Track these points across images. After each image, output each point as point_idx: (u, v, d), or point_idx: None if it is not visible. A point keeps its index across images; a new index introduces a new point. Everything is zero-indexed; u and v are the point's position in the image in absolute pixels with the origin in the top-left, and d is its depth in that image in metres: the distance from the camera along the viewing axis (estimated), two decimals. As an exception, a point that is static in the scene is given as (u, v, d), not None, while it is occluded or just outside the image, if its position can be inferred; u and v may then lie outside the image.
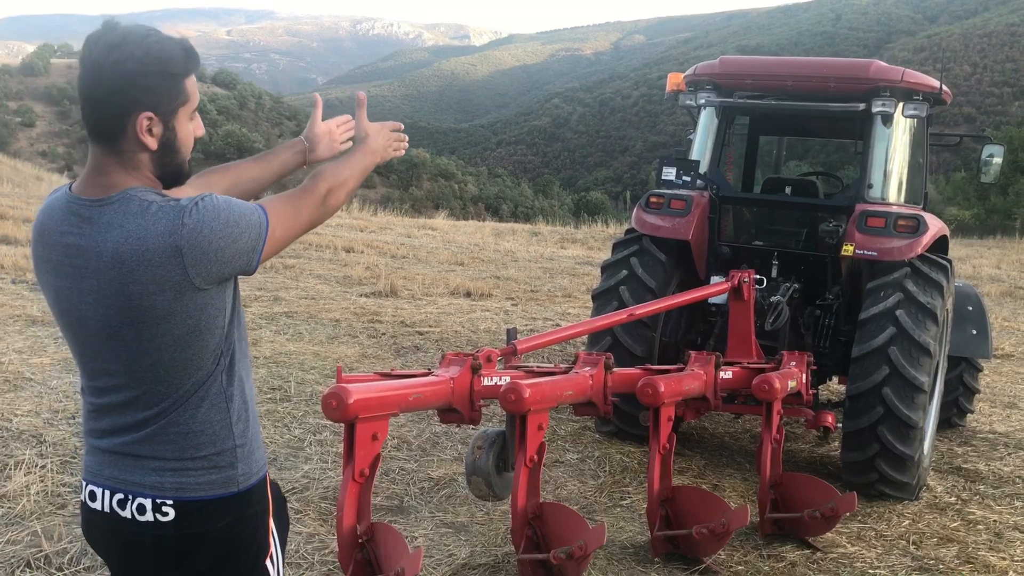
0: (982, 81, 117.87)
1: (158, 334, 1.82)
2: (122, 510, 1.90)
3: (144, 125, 1.80)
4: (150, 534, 1.89)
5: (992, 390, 8.17)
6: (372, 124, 2.29)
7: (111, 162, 1.83)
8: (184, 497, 1.89)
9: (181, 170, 1.93)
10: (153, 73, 1.79)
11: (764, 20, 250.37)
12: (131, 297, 1.78)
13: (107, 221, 1.79)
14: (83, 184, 1.85)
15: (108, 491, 1.92)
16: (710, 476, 5.58)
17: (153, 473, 1.88)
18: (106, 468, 1.93)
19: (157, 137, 1.83)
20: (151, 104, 1.80)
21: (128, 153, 1.82)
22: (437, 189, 78.13)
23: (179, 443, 1.88)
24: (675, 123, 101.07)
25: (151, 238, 1.75)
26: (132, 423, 1.89)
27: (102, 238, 1.78)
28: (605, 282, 5.87)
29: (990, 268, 17.53)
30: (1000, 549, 4.69)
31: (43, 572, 3.63)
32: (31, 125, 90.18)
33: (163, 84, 1.81)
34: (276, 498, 2.11)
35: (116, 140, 1.81)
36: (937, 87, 5.66)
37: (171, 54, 1.82)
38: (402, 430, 5.80)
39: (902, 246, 5.28)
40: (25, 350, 6.75)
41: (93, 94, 1.79)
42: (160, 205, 1.78)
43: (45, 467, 4.58)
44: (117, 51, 1.76)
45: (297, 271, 11.81)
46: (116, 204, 1.79)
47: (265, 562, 2.03)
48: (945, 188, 38.37)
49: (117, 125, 1.80)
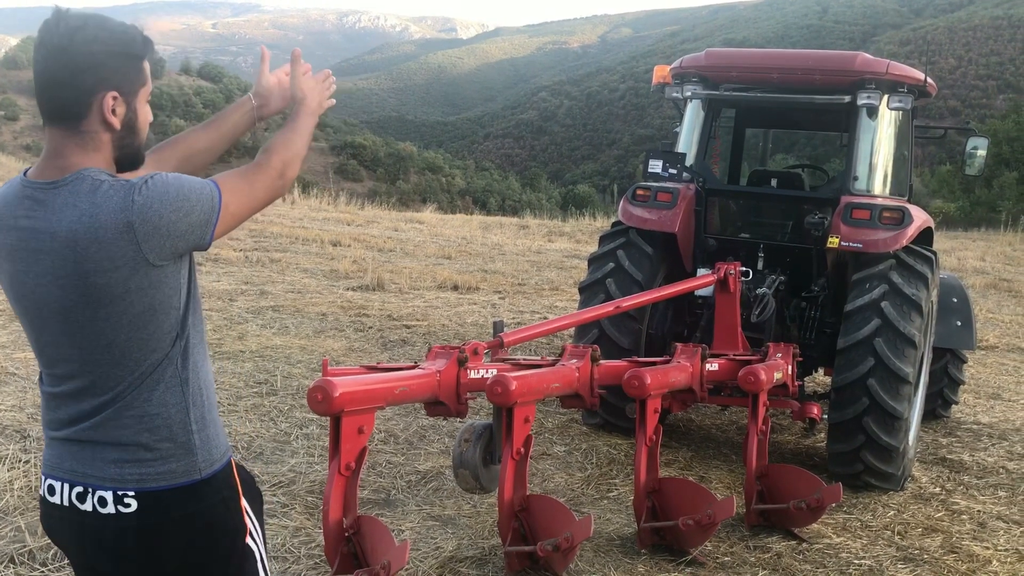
0: (967, 74, 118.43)
1: (113, 313, 1.83)
2: (82, 503, 1.90)
3: (109, 104, 1.84)
4: (112, 527, 1.89)
5: (976, 381, 8.23)
6: (307, 80, 2.28)
7: (71, 145, 1.85)
8: (146, 488, 1.88)
9: (139, 153, 1.97)
10: (118, 54, 1.85)
11: (751, 13, 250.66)
12: (86, 276, 1.79)
13: (61, 202, 1.81)
14: (39, 169, 1.88)
15: (68, 484, 1.91)
16: (697, 468, 5.60)
17: (113, 465, 1.88)
18: (65, 461, 1.92)
19: (120, 117, 1.87)
20: (116, 84, 1.85)
21: (90, 134, 1.85)
22: (424, 183, 77.95)
23: (134, 427, 1.88)
24: (662, 116, 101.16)
25: (103, 215, 1.77)
26: (88, 409, 1.89)
27: (56, 219, 1.80)
28: (592, 275, 5.87)
29: (975, 260, 17.63)
30: (984, 539, 4.73)
31: (27, 568, 3.60)
32: (14, 119, 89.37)
33: (127, 65, 1.87)
34: (243, 479, 2.09)
35: (79, 121, 1.84)
36: (922, 80, 5.68)
37: (132, 36, 1.88)
38: (389, 423, 5.79)
39: (887, 238, 5.30)
40: (8, 345, 6.69)
41: (57, 76, 1.81)
42: (111, 184, 1.81)
43: (28, 462, 4.55)
44: (81, 33, 1.80)
45: (283, 265, 11.76)
46: (70, 185, 1.81)
47: (246, 541, 2.03)
48: (930, 181, 38.56)
49: (82, 105, 1.83)
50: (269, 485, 4.66)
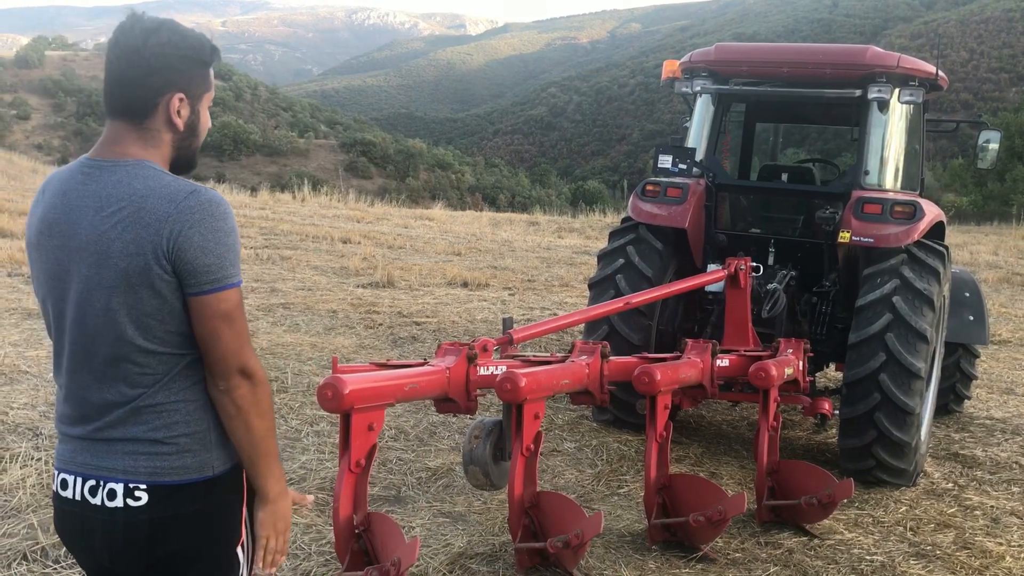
0: (979, 67, 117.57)
1: (129, 303, 1.84)
2: (93, 497, 1.90)
3: (175, 106, 1.93)
4: (120, 520, 1.89)
5: (989, 376, 8.18)
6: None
7: (131, 137, 1.92)
8: (158, 481, 1.89)
9: (194, 156, 2.04)
10: (188, 58, 1.94)
11: (761, 7, 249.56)
12: (112, 255, 1.82)
13: (116, 179, 1.87)
14: (98, 150, 1.95)
15: (80, 478, 1.92)
16: (708, 464, 5.59)
17: (126, 457, 1.89)
18: (79, 455, 1.93)
19: (184, 119, 1.96)
20: (183, 86, 1.94)
21: (152, 131, 1.93)
22: (434, 179, 77.94)
23: (152, 423, 1.89)
24: (672, 111, 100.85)
25: (152, 199, 1.83)
26: (105, 405, 1.90)
27: (107, 193, 1.86)
28: (602, 271, 5.86)
29: (987, 254, 17.54)
30: (997, 534, 4.70)
31: (39, 565, 3.62)
32: (26, 118, 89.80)
33: (195, 69, 1.96)
34: (251, 488, 2.09)
35: (144, 117, 1.92)
36: (933, 73, 5.65)
37: (202, 43, 1.97)
38: (400, 420, 5.80)
39: (898, 232, 5.27)
40: (21, 343, 6.73)
41: (128, 74, 1.89)
42: (174, 178, 1.90)
43: (41, 460, 4.57)
44: (155, 36, 1.89)
45: (294, 262, 11.79)
46: (130, 167, 1.89)
47: (236, 549, 2.03)
48: (942, 175, 38.35)
49: (149, 103, 1.91)
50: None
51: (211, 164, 74.83)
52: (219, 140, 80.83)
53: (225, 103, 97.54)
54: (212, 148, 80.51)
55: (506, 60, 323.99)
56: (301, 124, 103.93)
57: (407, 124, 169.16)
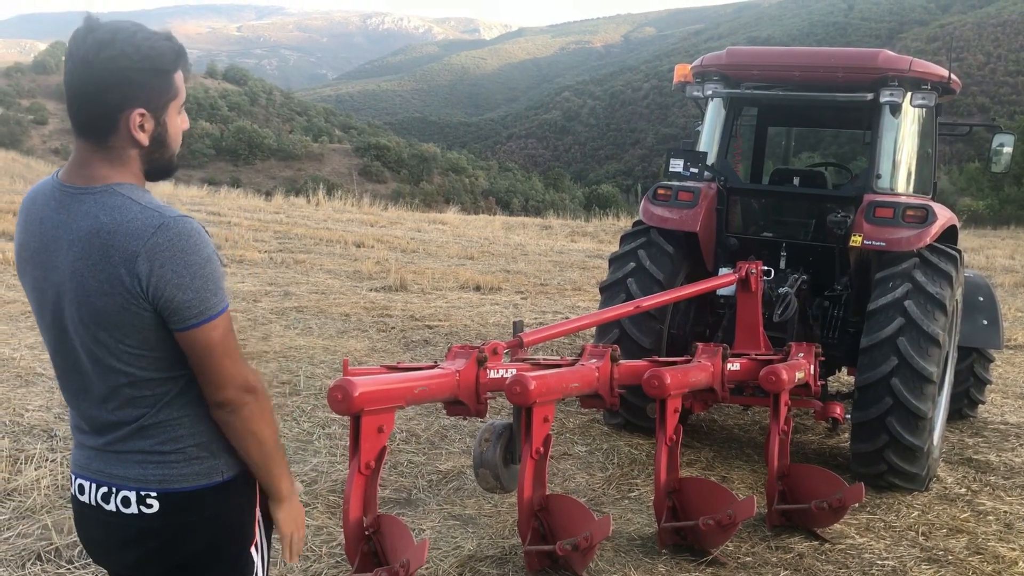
0: (996, 71, 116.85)
1: (115, 338, 1.83)
2: (107, 504, 1.92)
3: (136, 122, 1.81)
4: (135, 527, 1.91)
5: (1004, 381, 8.13)
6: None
7: (97, 158, 1.83)
8: (168, 489, 1.90)
9: (170, 164, 1.95)
10: (145, 70, 1.80)
11: (775, 11, 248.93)
12: (89, 294, 1.79)
13: (84, 210, 1.80)
14: (68, 173, 1.87)
15: (94, 484, 1.93)
16: (719, 468, 5.58)
17: (137, 465, 1.90)
18: (92, 462, 1.94)
19: (149, 133, 1.84)
20: (143, 101, 1.81)
21: (117, 149, 1.83)
22: (448, 183, 78.05)
23: (159, 437, 1.90)
24: (686, 115, 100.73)
25: (119, 235, 1.76)
26: (109, 427, 1.91)
27: (76, 226, 1.79)
28: (613, 274, 5.86)
29: (1004, 259, 17.42)
30: (1010, 540, 4.68)
31: (53, 565, 3.66)
32: (43, 123, 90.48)
33: (154, 81, 1.82)
34: (262, 490, 2.11)
35: (106, 136, 1.82)
36: (946, 76, 5.63)
37: (161, 51, 1.83)
38: (411, 423, 5.82)
39: (911, 236, 5.25)
40: (36, 346, 6.79)
41: (83, 91, 1.79)
42: (142, 207, 1.79)
43: (56, 461, 4.61)
44: (108, 48, 1.76)
45: (307, 266, 11.84)
46: (97, 195, 1.81)
47: (250, 550, 2.04)
48: (959, 178, 38.14)
49: (109, 122, 1.80)
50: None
51: (226, 169, 75.31)
52: (234, 144, 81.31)
53: (240, 108, 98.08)
54: (227, 152, 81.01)
55: (520, 64, 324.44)
56: (316, 128, 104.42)
57: (421, 128, 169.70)
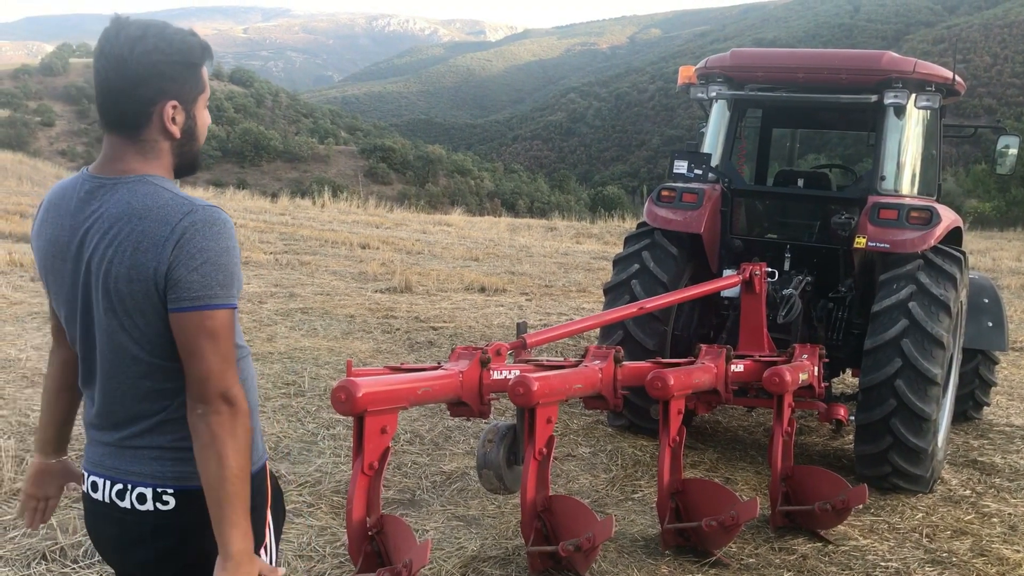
0: (1002, 72, 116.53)
1: (140, 327, 1.84)
2: (121, 500, 1.92)
3: (170, 113, 1.86)
4: (150, 523, 1.91)
5: (1010, 383, 8.11)
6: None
7: (130, 151, 1.87)
8: (185, 486, 1.90)
9: (197, 158, 1.99)
10: (177, 63, 1.86)
11: (781, 13, 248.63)
12: (118, 280, 1.81)
13: (117, 198, 1.83)
14: (99, 167, 1.90)
15: (108, 481, 1.94)
16: (723, 469, 5.58)
17: (154, 462, 1.90)
18: (106, 459, 1.95)
19: (180, 125, 1.89)
20: (176, 93, 1.87)
21: (150, 142, 1.88)
22: (453, 185, 78.16)
23: (178, 433, 1.90)
24: (692, 117, 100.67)
25: (150, 220, 1.80)
26: (129, 420, 1.91)
27: (109, 213, 1.82)
28: (617, 276, 5.87)
29: (1010, 260, 17.38)
30: (1014, 542, 4.67)
31: (58, 564, 3.67)
32: (50, 124, 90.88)
33: (186, 74, 1.88)
34: (275, 490, 2.12)
35: (139, 129, 1.86)
36: (950, 78, 5.62)
37: (190, 45, 1.89)
38: (415, 424, 5.83)
39: (915, 238, 5.25)
40: (43, 347, 6.81)
41: (117, 85, 1.83)
42: (174, 195, 1.84)
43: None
44: (141, 43, 1.81)
45: (313, 267, 11.87)
46: (131, 184, 1.84)
47: (259, 552, 2.03)
48: (965, 180, 38.06)
49: (142, 115, 1.85)
50: (296, 485, 4.71)
51: (232, 170, 75.41)
52: (240, 146, 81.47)
53: (246, 109, 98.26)
54: (233, 154, 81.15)
55: (525, 66, 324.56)
56: (322, 130, 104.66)
57: (427, 130, 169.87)
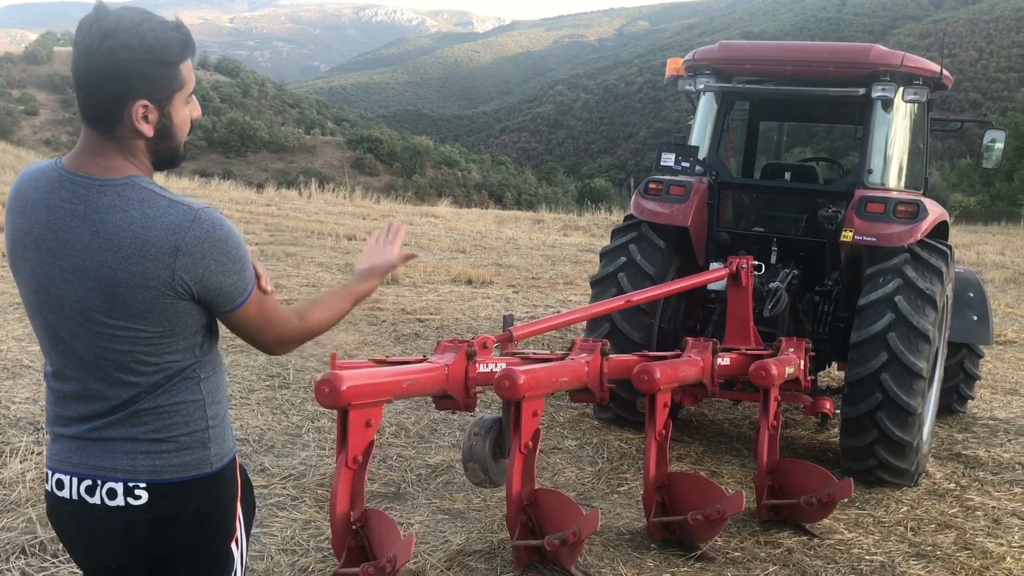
0: (988, 67, 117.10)
1: (133, 328, 1.82)
2: (91, 497, 1.88)
3: (139, 113, 1.79)
4: (121, 519, 1.88)
5: (993, 376, 8.15)
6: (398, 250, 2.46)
7: (109, 147, 1.82)
8: (158, 480, 1.88)
9: (176, 154, 1.93)
10: (148, 61, 1.77)
11: (769, 6, 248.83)
12: (116, 285, 1.77)
13: (108, 203, 1.78)
14: (77, 161, 1.83)
15: (76, 478, 1.89)
16: (708, 463, 5.58)
17: (125, 456, 1.87)
18: (74, 455, 1.90)
19: (153, 124, 1.82)
20: (146, 92, 1.79)
21: (125, 139, 1.82)
22: (440, 177, 78.00)
23: (151, 424, 1.87)
24: (679, 109, 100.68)
25: (155, 230, 1.76)
26: (102, 409, 1.87)
27: (101, 218, 1.77)
28: (604, 269, 5.85)
29: (994, 255, 17.47)
30: (998, 535, 4.68)
31: (38, 559, 3.63)
32: (34, 113, 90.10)
33: (158, 72, 1.79)
34: (244, 482, 2.10)
35: (112, 126, 1.80)
36: (937, 72, 5.62)
37: (166, 42, 1.79)
38: (400, 417, 5.80)
39: (901, 232, 5.25)
40: (24, 337, 6.75)
41: (87, 80, 1.77)
42: (169, 201, 1.80)
43: (41, 454, 4.58)
44: (111, 39, 1.73)
45: (298, 259, 11.80)
46: (120, 188, 1.79)
47: (230, 545, 2.03)
48: (950, 174, 38.27)
49: (113, 111, 1.79)
50: (280, 478, 4.68)
51: (218, 161, 75.02)
52: (226, 136, 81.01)
53: (232, 99, 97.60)
54: (219, 144, 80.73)
55: (513, 58, 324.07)
56: (308, 121, 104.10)
57: (414, 121, 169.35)
